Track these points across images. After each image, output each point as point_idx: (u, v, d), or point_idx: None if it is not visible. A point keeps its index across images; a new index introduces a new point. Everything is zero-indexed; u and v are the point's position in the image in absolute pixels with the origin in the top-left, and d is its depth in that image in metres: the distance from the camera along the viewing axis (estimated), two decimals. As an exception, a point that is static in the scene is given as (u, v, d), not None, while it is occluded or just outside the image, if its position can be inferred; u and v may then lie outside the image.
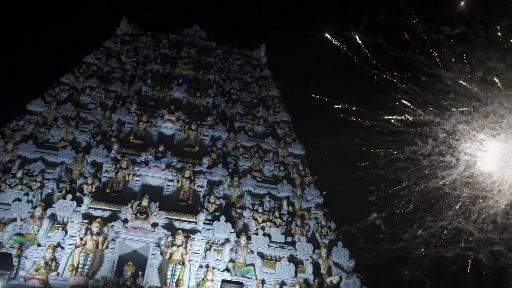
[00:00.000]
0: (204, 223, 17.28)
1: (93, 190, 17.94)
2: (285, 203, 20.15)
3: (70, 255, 15.18)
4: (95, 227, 15.44)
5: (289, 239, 18.61)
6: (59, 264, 15.32)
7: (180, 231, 15.86)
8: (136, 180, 18.38)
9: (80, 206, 16.72)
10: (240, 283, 14.31)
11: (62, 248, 15.71)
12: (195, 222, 16.91)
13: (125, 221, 15.91)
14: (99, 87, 24.15)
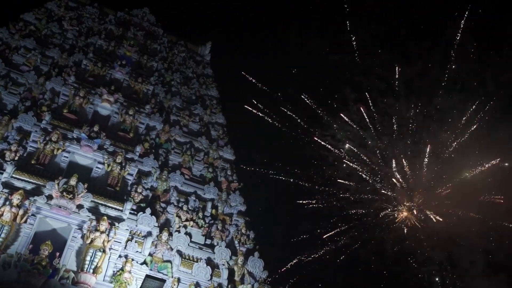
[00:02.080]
0: (129, 213, 16.96)
1: (16, 158, 16.91)
2: (209, 205, 20.32)
3: (-17, 224, 14.22)
4: (16, 198, 14.62)
5: (208, 241, 18.80)
6: (-32, 232, 14.30)
7: (105, 217, 15.49)
8: (65, 156, 17.64)
9: (1, 173, 15.69)
10: (163, 281, 14.29)
11: (-26, 215, 14.67)
12: (122, 210, 16.60)
13: (49, 197, 15.25)
14: (35, 49, 22.77)
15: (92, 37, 25.12)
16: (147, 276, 14.05)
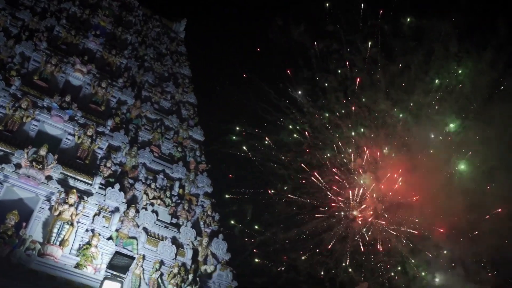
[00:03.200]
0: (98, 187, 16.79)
1: (-17, 122, 16.36)
2: (177, 184, 20.34)
3: None
4: (-17, 165, 14.20)
5: (174, 220, 18.87)
6: None
7: (74, 190, 15.29)
8: (34, 125, 17.20)
9: (-33, 137, 15.18)
10: (132, 258, 14.31)
11: None
12: (91, 184, 16.41)
13: (18, 166, 14.88)
14: (4, 9, 21.77)
15: (65, 2, 24.28)
16: (117, 253, 14.02)
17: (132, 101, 21.84)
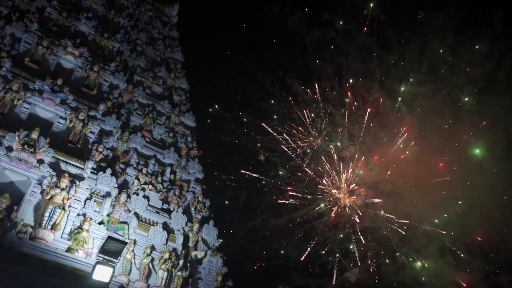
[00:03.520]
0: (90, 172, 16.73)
1: (-27, 104, 16.17)
2: (168, 170, 20.34)
3: None
4: (-27, 147, 14.08)
5: (165, 206, 18.89)
6: None
7: (66, 174, 15.24)
8: (25, 108, 17.03)
9: (-42, 119, 15.01)
10: (125, 243, 14.33)
11: None
12: (83, 169, 16.35)
13: (9, 149, 14.77)
14: (-6, -11, 21.43)
15: (56, -17, 23.86)
16: (109, 238, 14.01)
17: (124, 85, 21.67)
